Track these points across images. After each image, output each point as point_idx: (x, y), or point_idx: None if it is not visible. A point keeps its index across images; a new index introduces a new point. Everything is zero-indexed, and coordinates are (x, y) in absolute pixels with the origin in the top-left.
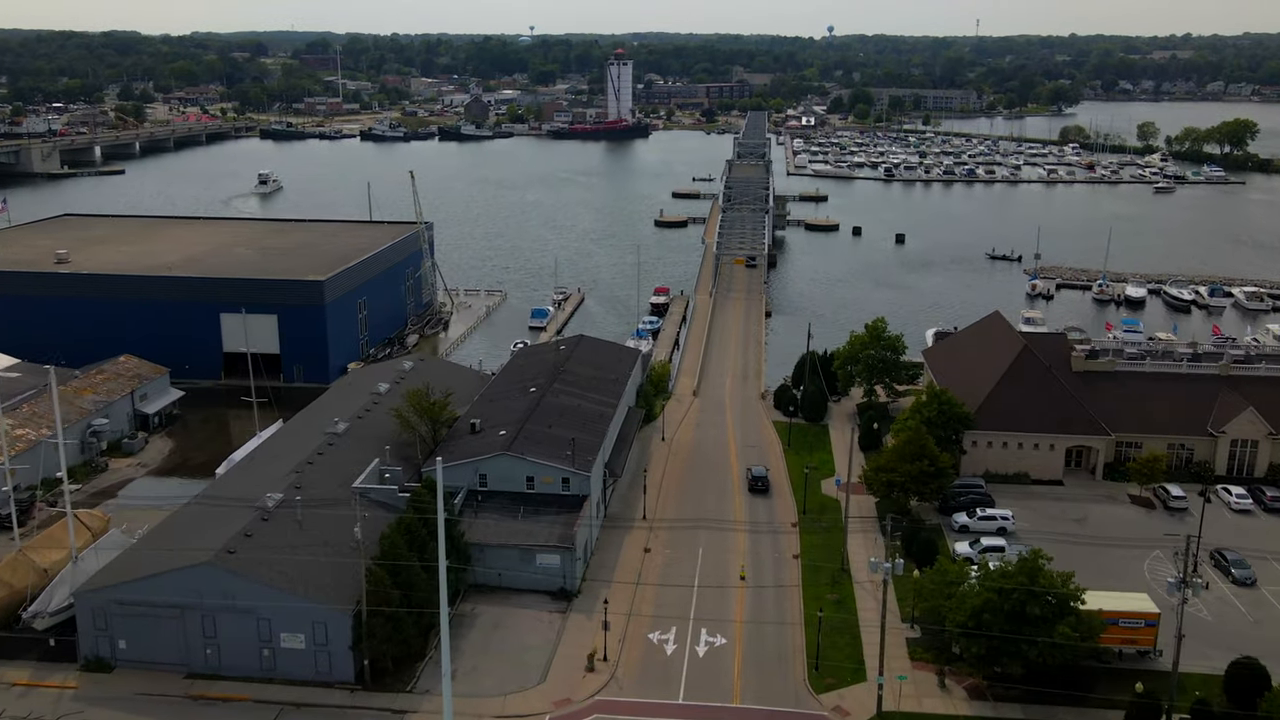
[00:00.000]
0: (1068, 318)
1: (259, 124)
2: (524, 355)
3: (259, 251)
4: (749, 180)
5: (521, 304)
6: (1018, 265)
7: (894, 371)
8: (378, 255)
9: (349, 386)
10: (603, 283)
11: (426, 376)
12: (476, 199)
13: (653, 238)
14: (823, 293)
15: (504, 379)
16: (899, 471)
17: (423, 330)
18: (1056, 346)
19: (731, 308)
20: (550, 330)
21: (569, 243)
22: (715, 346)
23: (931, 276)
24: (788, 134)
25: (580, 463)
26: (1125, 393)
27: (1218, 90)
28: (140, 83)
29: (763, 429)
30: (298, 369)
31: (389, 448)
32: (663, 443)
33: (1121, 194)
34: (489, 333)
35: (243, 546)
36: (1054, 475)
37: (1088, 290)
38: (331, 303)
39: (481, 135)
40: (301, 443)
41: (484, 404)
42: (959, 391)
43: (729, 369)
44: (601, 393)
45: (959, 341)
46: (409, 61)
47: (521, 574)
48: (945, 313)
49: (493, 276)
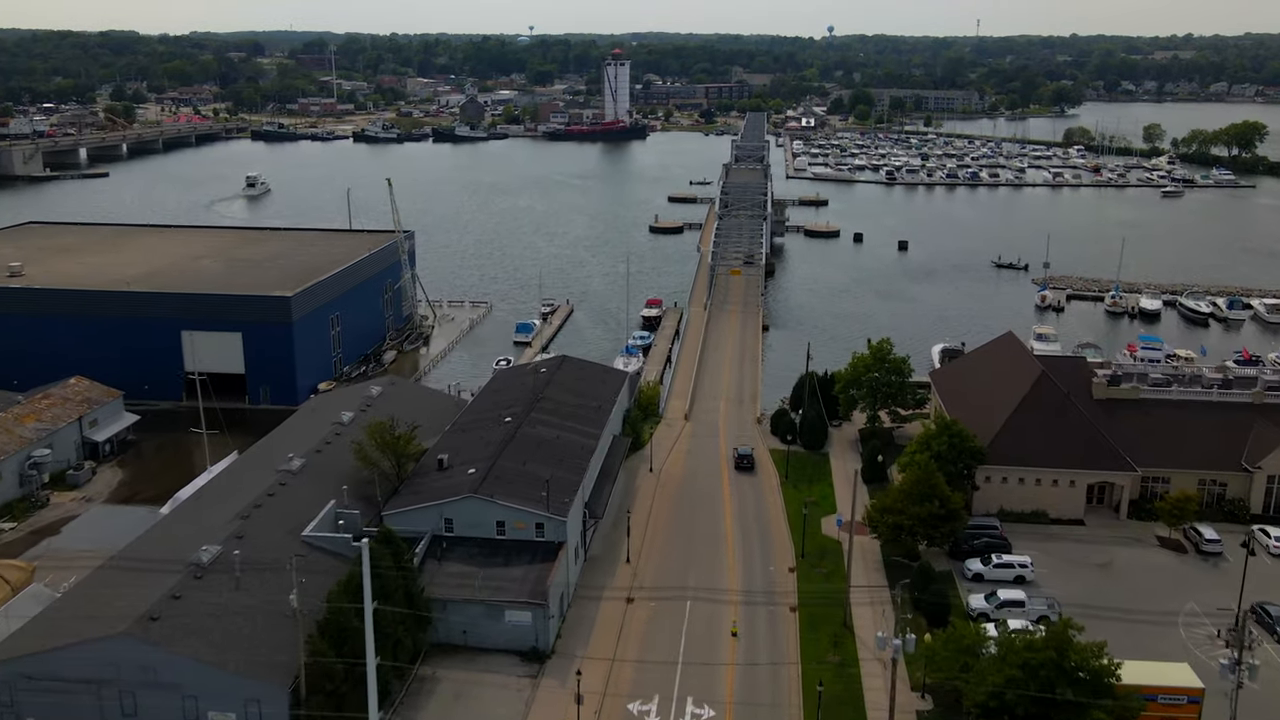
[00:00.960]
0: (1080, 332)
1: (251, 125)
2: (502, 378)
3: (227, 263)
4: (747, 185)
5: (507, 316)
6: (1025, 274)
7: (899, 396)
8: (353, 267)
9: (313, 414)
10: (593, 293)
11: (395, 403)
12: (466, 204)
13: (647, 244)
14: (823, 304)
15: (479, 405)
16: (907, 514)
17: (401, 346)
18: (1075, 371)
19: (727, 321)
20: (535, 346)
21: (560, 250)
22: (709, 364)
23: (936, 286)
24: (787, 135)
25: (556, 505)
26: (1151, 423)
27: (1221, 91)
28: (134, 83)
29: (759, 458)
30: (264, 390)
31: (346, 487)
32: (650, 474)
33: (1128, 198)
34: (471, 348)
35: (169, 611)
36: (1074, 514)
37: (1099, 302)
38: (300, 320)
39: (476, 136)
40: (251, 481)
41: (455, 435)
42: (970, 421)
43: (723, 390)
44: (583, 422)
45: (969, 364)
46: (406, 62)
47: (489, 632)
48: (952, 327)
49: (479, 287)
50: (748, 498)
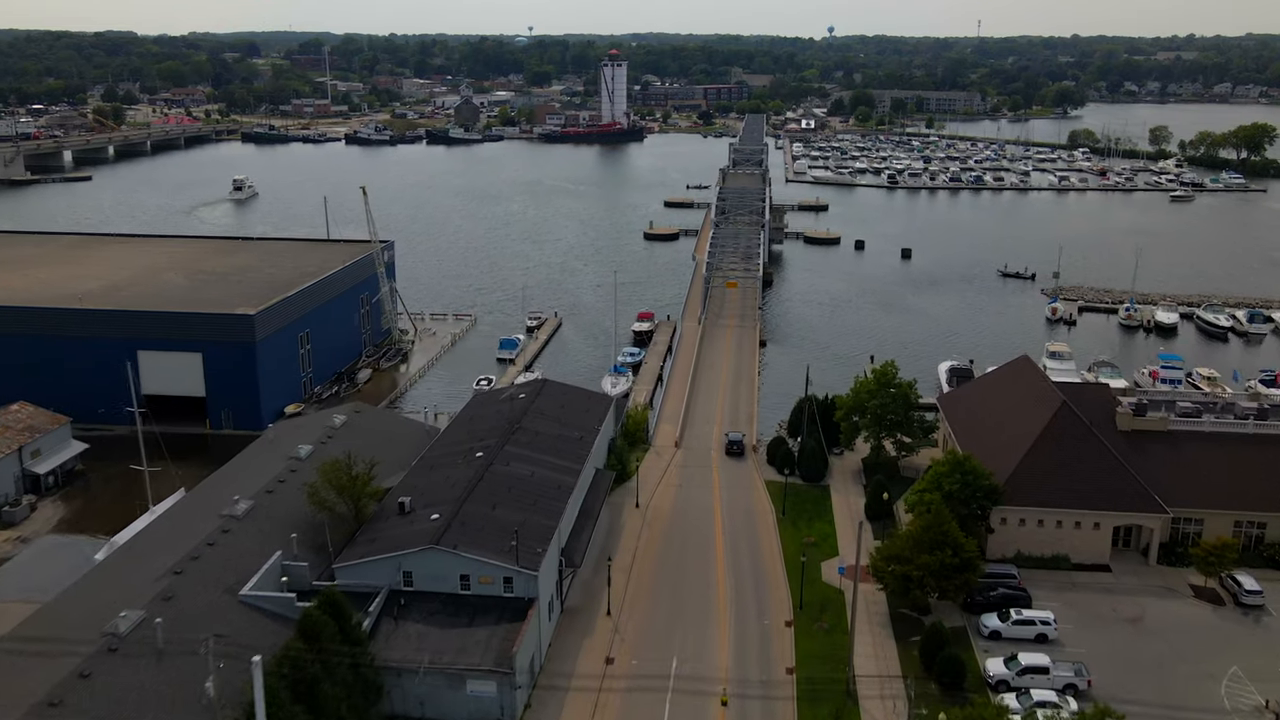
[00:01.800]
0: (1095, 348)
1: (242, 126)
2: (478, 404)
3: (191, 277)
4: (744, 191)
5: (492, 330)
6: (1032, 284)
7: (906, 424)
8: (326, 280)
9: (270, 447)
10: (583, 306)
11: (360, 434)
12: (455, 210)
13: (641, 252)
14: (823, 317)
15: (451, 436)
16: (916, 563)
17: (378, 363)
18: (1097, 399)
19: (722, 337)
20: (520, 363)
21: (551, 259)
22: (702, 384)
23: (941, 298)
24: (787, 138)
25: (527, 557)
26: (1181, 458)
27: (1225, 92)
28: (126, 84)
29: (754, 490)
30: (226, 414)
31: (296, 535)
32: (637, 510)
33: (1137, 202)
34: (452, 365)
35: (73, 693)
36: (1099, 559)
37: (1113, 314)
38: (265, 339)
39: (470, 139)
40: (191, 528)
41: (421, 473)
42: (984, 455)
43: (717, 413)
44: (563, 455)
45: (981, 389)
46: (402, 62)
47: (448, 704)
48: (960, 343)
49: (464, 299)
50: (741, 537)
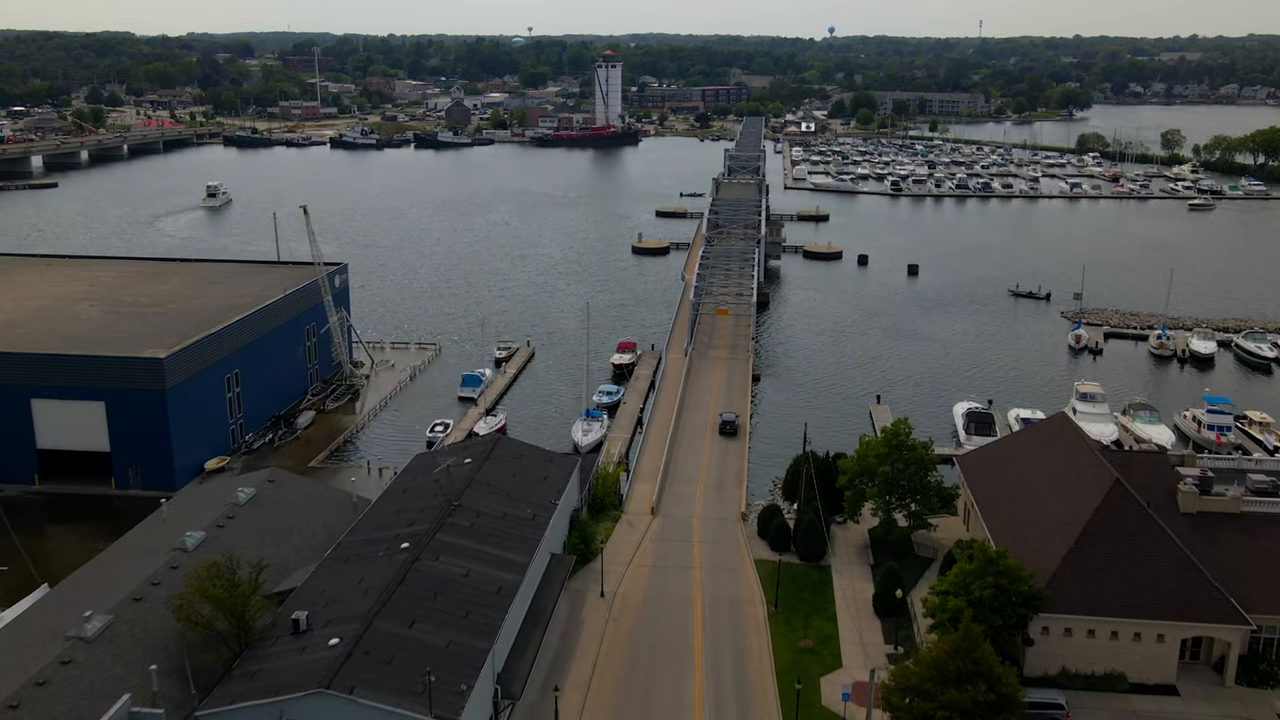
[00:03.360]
0: (1126, 384)
1: (226, 129)
2: (416, 471)
3: (109, 308)
4: (739, 203)
5: (458, 361)
6: (1047, 305)
7: (922, 494)
8: (262, 312)
9: (158, 528)
10: (561, 332)
11: (271, 511)
12: (435, 220)
13: (628, 269)
14: (824, 347)
15: (377, 515)
16: (940, 699)
17: (324, 403)
18: (1153, 471)
19: (710, 371)
20: (483, 403)
21: (531, 276)
22: (686, 432)
23: (952, 321)
24: (786, 141)
25: (446, 701)
26: (1261, 548)
27: (1231, 93)
28: (113, 85)
29: (741, 572)
30: (134, 472)
31: (155, 669)
32: (601, 600)
33: (1152, 211)
34: (409, 404)
35: None
36: (1164, 678)
37: (1142, 341)
38: (179, 385)
39: (460, 142)
40: (20, 657)
41: (331, 570)
42: (1019, 543)
43: (701, 469)
44: (508, 544)
45: (1011, 451)
46: (397, 63)
47: None
48: (976, 378)
49: (430, 325)
50: (724, 639)
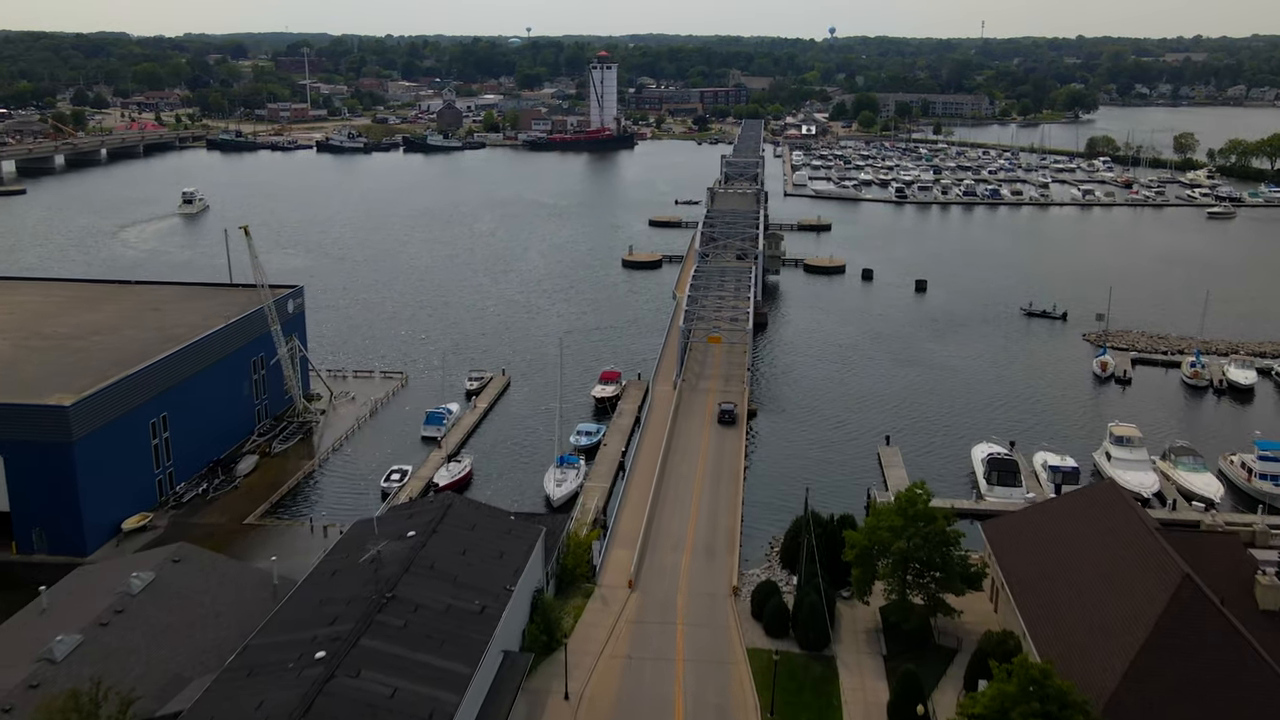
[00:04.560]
0: (1161, 422)
1: (211, 132)
2: (351, 544)
3: (22, 342)
4: (736, 214)
5: (426, 392)
6: (1063, 326)
7: (945, 572)
8: (197, 346)
9: (39, 622)
10: (543, 359)
11: (167, 605)
12: (417, 231)
13: (618, 284)
14: (826, 375)
15: (295, 609)
16: None
17: (270, 445)
18: (1223, 556)
19: (702, 407)
20: (448, 444)
21: (513, 294)
22: (671, 483)
23: (964, 344)
24: (786, 145)
25: None
26: None
27: (1239, 95)
28: (100, 86)
29: (732, 665)
30: (38, 534)
31: None
32: (565, 704)
33: (1169, 220)
34: (368, 444)
35: None
36: None
37: (1173, 369)
38: (90, 435)
39: (450, 146)
40: None
41: (227, 688)
42: (1063, 648)
43: (689, 528)
44: (448, 648)
45: (1049, 524)
46: (391, 64)
47: None
48: (994, 414)
49: (399, 350)
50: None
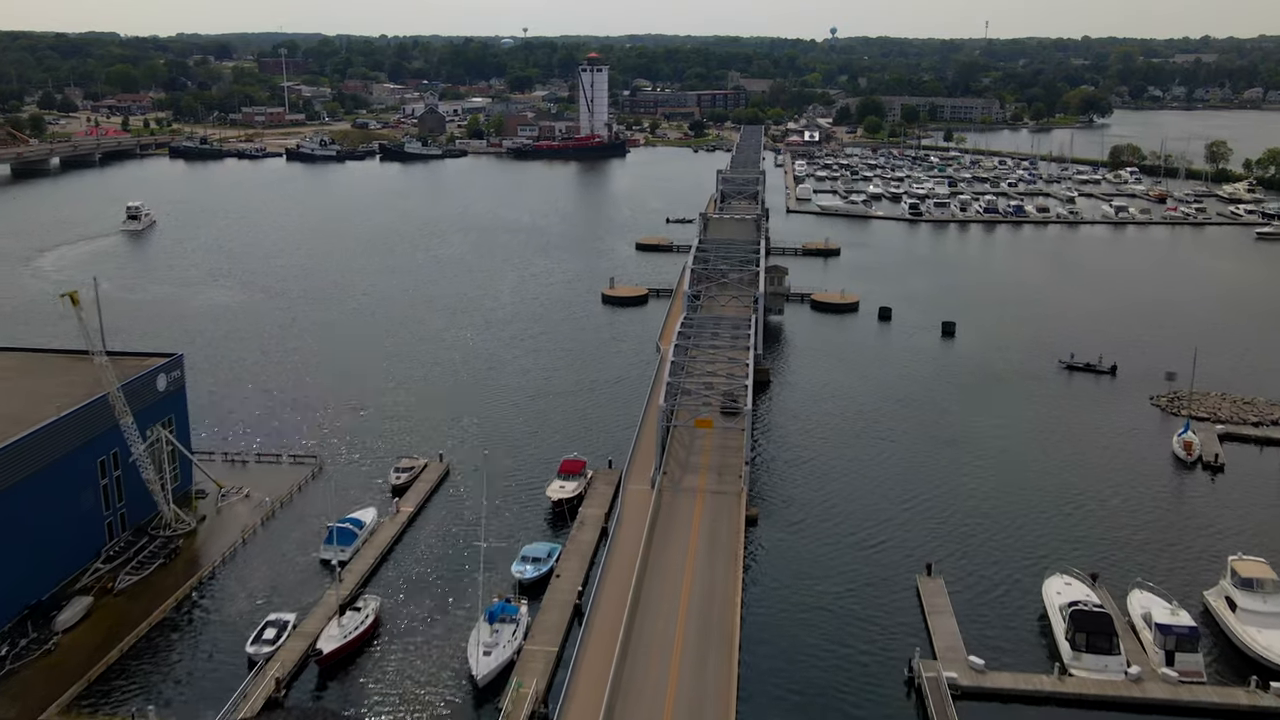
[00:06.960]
0: (1273, 526)
1: (177, 136)
2: None
3: None
4: (732, 245)
5: (342, 481)
6: (1112, 383)
7: None
8: (7, 451)
9: None
10: (498, 432)
11: None
12: (373, 260)
13: (597, 325)
14: (843, 464)
15: None
16: None
17: (115, 577)
18: None
19: (686, 515)
20: (352, 577)
21: (473, 339)
22: (644, 639)
23: (1007, 407)
24: (788, 152)
25: None
26: None
27: (1256, 97)
28: (71, 89)
29: None
30: None
31: None
32: None
33: (1212, 240)
34: (245, 574)
35: None
36: None
37: (1272, 448)
38: None
39: (429, 154)
40: None
41: None
42: None
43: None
44: None
45: None
46: (378, 65)
47: None
48: (1065, 523)
49: (319, 423)
50: None
